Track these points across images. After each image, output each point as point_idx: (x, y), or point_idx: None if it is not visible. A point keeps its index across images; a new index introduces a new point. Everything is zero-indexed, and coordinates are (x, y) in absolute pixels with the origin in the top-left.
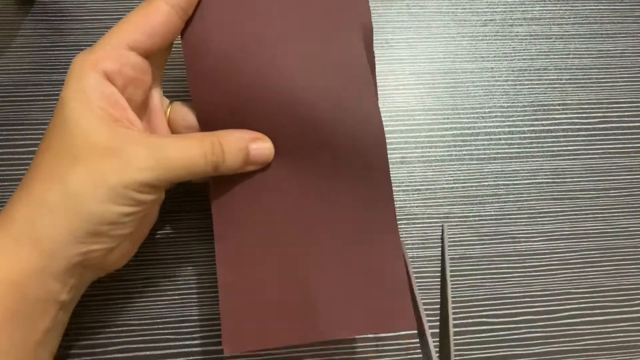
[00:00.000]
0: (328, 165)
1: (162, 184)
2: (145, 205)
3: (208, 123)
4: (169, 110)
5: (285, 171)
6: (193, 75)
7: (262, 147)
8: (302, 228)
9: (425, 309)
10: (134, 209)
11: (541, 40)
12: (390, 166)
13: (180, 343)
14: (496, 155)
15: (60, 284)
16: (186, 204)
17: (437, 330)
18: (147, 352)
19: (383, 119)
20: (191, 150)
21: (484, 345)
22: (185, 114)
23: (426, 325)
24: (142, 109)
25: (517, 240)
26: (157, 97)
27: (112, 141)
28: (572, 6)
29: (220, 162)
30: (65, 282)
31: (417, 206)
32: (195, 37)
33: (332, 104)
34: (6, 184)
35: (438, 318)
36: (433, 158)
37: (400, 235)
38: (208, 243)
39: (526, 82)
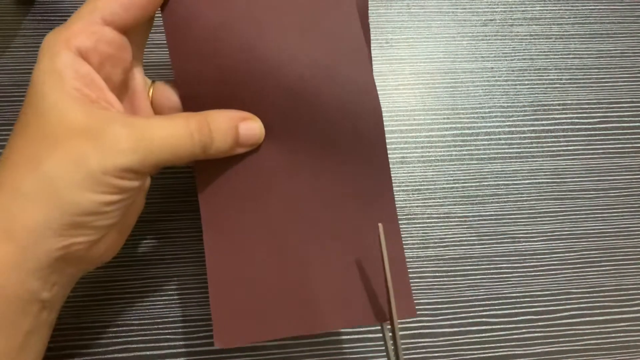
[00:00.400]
0: (321, 143)
1: (146, 169)
2: (129, 193)
3: (191, 102)
4: (151, 90)
5: (275, 153)
6: (174, 50)
7: (251, 127)
8: (295, 213)
9: (425, 309)
10: (115, 197)
11: (541, 40)
12: (390, 166)
13: (180, 343)
14: (496, 155)
15: (40, 281)
16: (186, 204)
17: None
18: (147, 352)
19: (383, 118)
20: (176, 130)
21: (484, 345)
22: (169, 94)
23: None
24: (122, 89)
25: (517, 240)
26: (138, 77)
27: (90, 122)
28: (572, 6)
29: (208, 142)
30: (46, 279)
31: (417, 206)
32: (177, 8)
33: (324, 76)
34: None
35: (436, 318)
36: (433, 158)
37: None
38: None
39: (526, 82)
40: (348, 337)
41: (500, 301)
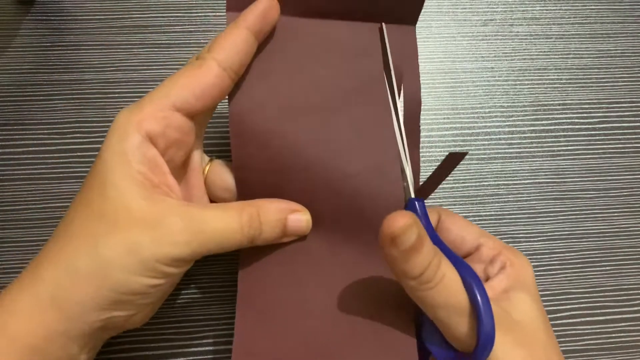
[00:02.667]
0: (361, 244)
1: (194, 258)
2: (174, 277)
3: (246, 186)
4: (207, 167)
5: (319, 243)
6: (236, 139)
7: (300, 219)
8: (329, 303)
9: None
10: (161, 281)
11: (541, 40)
12: None
13: (180, 343)
14: (496, 155)
15: (79, 346)
16: None
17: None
18: (147, 352)
19: None
20: (229, 224)
21: None
22: (223, 175)
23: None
24: (181, 169)
25: (517, 240)
26: (197, 155)
27: (150, 211)
28: (572, 6)
29: (256, 235)
30: (85, 344)
31: None
32: (243, 102)
33: (364, 193)
34: (6, 184)
35: None
36: (433, 158)
37: None
38: None
39: (526, 82)
40: None
41: None
